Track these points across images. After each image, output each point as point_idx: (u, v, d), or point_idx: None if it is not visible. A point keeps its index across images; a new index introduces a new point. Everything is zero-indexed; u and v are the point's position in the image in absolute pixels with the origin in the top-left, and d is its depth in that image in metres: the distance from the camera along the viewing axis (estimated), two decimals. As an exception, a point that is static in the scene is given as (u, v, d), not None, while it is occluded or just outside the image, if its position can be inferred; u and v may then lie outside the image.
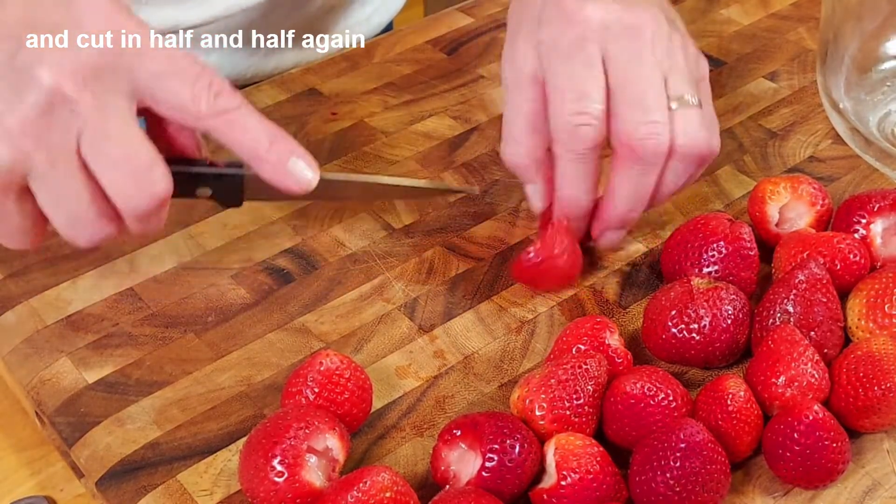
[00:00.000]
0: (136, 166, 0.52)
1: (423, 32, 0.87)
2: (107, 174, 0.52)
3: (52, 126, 0.50)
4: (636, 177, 0.61)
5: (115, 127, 0.52)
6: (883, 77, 0.74)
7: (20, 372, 0.60)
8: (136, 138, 0.53)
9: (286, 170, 0.56)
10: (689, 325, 0.57)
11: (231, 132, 0.55)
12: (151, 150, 0.53)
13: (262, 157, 0.55)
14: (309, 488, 0.50)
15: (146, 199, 0.53)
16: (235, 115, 0.54)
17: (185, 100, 0.53)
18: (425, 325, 0.62)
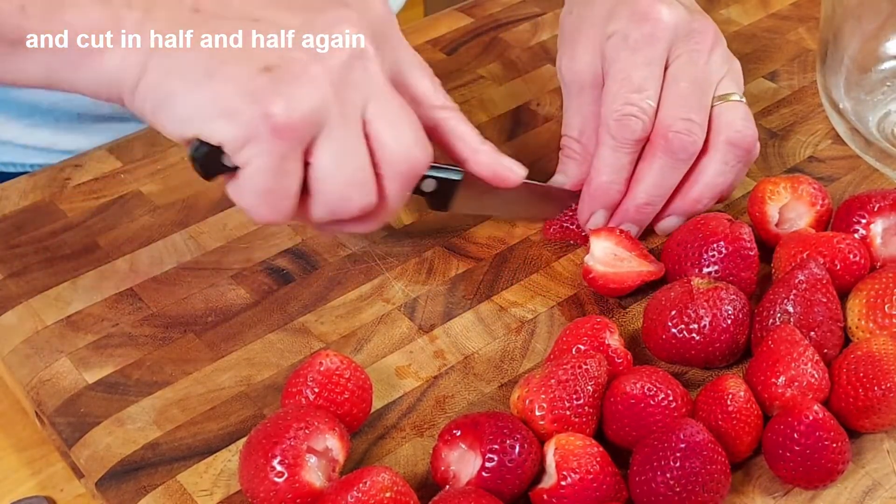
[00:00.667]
0: (415, 128, 0.56)
1: (423, 32, 0.87)
2: (391, 132, 0.55)
3: (349, 81, 0.53)
4: (662, 169, 0.63)
5: (395, 92, 0.56)
6: (883, 77, 0.74)
7: (20, 372, 0.60)
8: (406, 104, 0.56)
9: (500, 161, 0.61)
10: (689, 326, 0.57)
11: (455, 125, 0.60)
12: (418, 118, 0.57)
13: (479, 149, 0.60)
14: (309, 488, 0.50)
15: (421, 158, 0.56)
16: (457, 113, 0.60)
17: (428, 88, 0.59)
18: (425, 325, 0.62)
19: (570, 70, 0.65)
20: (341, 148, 0.53)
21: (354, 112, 0.53)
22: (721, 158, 0.63)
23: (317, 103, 0.52)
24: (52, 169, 0.73)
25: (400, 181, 0.56)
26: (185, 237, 0.68)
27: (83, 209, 0.70)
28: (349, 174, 0.54)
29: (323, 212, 0.56)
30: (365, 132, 0.54)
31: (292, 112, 0.51)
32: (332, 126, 0.53)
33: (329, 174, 0.54)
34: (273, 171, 0.53)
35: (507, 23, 0.88)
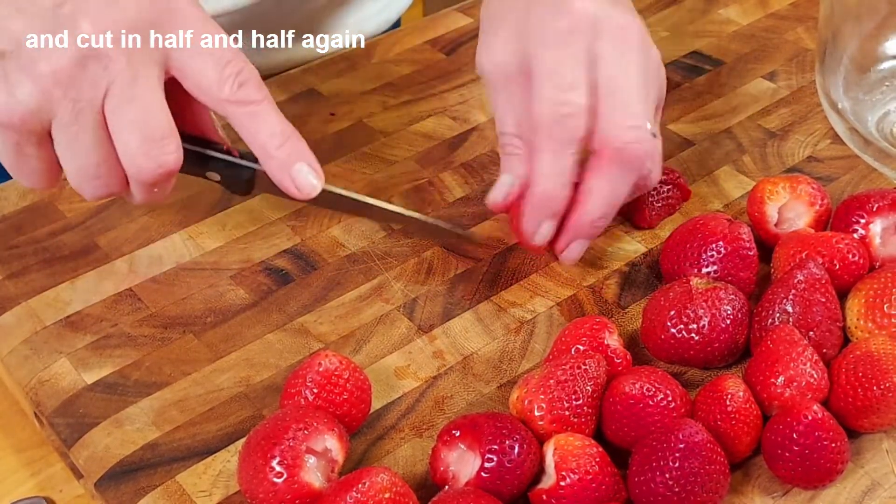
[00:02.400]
0: (150, 133, 0.53)
1: (422, 33, 0.87)
2: (122, 135, 0.54)
3: (82, 78, 0.52)
4: (615, 180, 0.60)
5: (140, 91, 0.53)
6: (881, 77, 0.74)
7: (19, 373, 0.60)
8: (156, 106, 0.54)
9: (290, 172, 0.57)
10: (687, 326, 0.57)
11: (247, 123, 0.56)
12: (168, 122, 0.54)
13: (270, 154, 0.56)
14: (308, 489, 0.50)
15: (153, 167, 0.54)
16: (255, 107, 0.55)
17: (211, 81, 0.55)
18: (424, 325, 0.62)
19: (491, 62, 0.61)
20: (71, 143, 0.54)
21: (88, 109, 0.53)
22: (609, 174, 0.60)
23: (37, 102, 0.52)
24: (50, 169, 0.73)
25: (138, 180, 0.55)
26: (184, 237, 0.68)
27: (82, 210, 0.70)
28: (80, 167, 0.55)
29: (74, 186, 0.56)
30: (106, 127, 0.54)
31: (12, 109, 0.52)
32: (60, 122, 0.53)
33: (63, 163, 0.55)
34: (13, 154, 0.54)
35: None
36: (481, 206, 0.70)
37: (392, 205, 0.64)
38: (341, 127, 0.77)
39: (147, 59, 0.53)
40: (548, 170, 0.59)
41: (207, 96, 0.55)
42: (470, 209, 0.70)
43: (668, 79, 0.81)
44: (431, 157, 0.74)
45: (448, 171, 0.73)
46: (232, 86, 0.55)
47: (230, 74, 0.55)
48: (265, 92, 0.56)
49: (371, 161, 0.74)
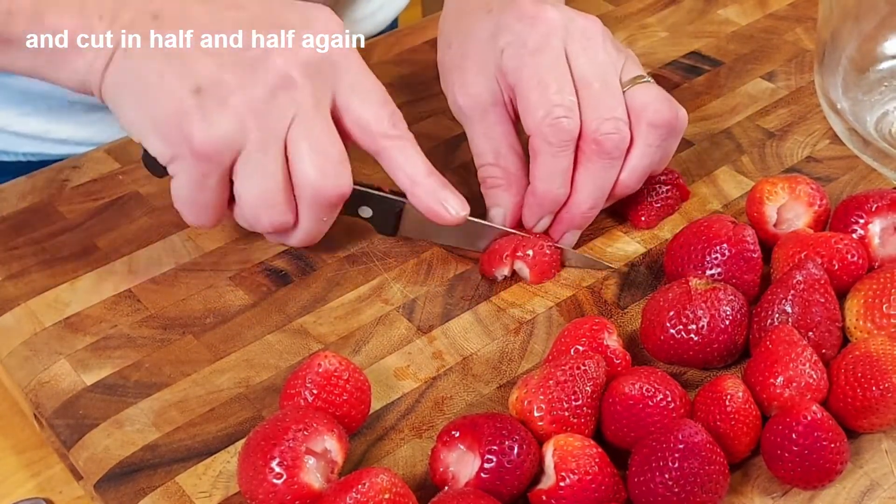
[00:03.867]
0: (333, 157, 0.58)
1: (422, 33, 0.87)
2: (303, 160, 0.57)
3: (273, 108, 0.56)
4: (600, 171, 0.63)
5: (321, 120, 0.58)
6: (880, 77, 0.74)
7: (19, 374, 0.60)
8: (334, 134, 0.58)
9: (438, 197, 0.61)
10: (686, 326, 0.57)
11: (398, 156, 0.60)
12: (343, 148, 0.59)
13: (418, 183, 0.60)
14: (308, 490, 0.50)
15: (332, 189, 0.58)
16: (405, 142, 0.60)
17: (372, 117, 0.59)
18: (424, 326, 0.62)
19: (467, 96, 0.65)
20: (255, 171, 0.57)
21: (273, 138, 0.57)
22: (644, 141, 0.63)
23: (233, 131, 0.56)
24: (50, 170, 0.73)
25: (309, 206, 0.59)
26: (183, 238, 0.68)
27: (81, 211, 0.70)
28: (259, 195, 0.58)
29: (243, 222, 0.61)
30: (286, 156, 0.57)
31: (210, 138, 0.55)
32: (249, 150, 0.57)
33: (243, 192, 0.58)
34: (195, 186, 0.58)
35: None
36: (481, 207, 0.70)
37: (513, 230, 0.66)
38: (340, 128, 0.77)
39: (325, 90, 0.58)
40: (549, 171, 0.63)
41: (365, 131, 0.59)
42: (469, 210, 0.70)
43: (667, 79, 0.82)
44: (430, 158, 0.74)
45: (447, 171, 0.73)
46: (389, 122, 0.60)
47: (388, 112, 0.60)
48: (408, 130, 0.61)
49: (370, 161, 0.74)
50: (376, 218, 0.65)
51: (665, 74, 0.82)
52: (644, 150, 0.63)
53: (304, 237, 0.61)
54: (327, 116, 0.58)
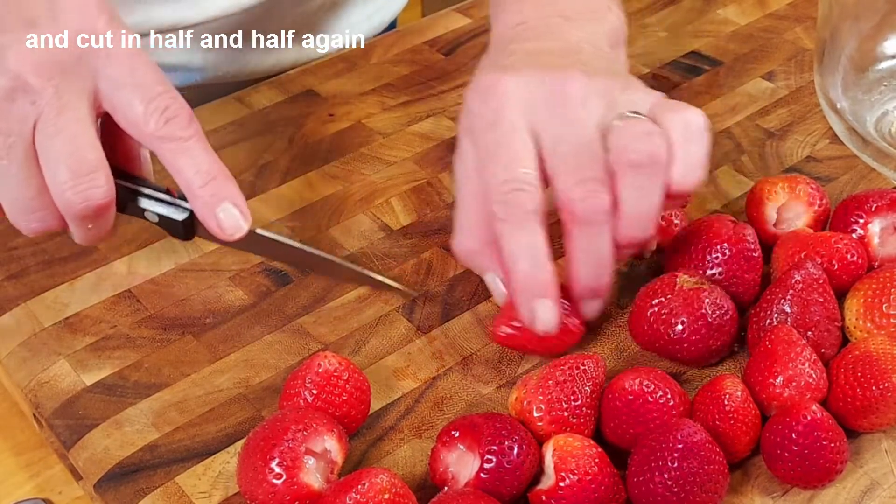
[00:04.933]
0: (77, 166, 0.53)
1: (421, 33, 0.87)
2: (49, 168, 0.53)
3: (11, 112, 0.52)
4: (587, 240, 0.56)
5: (68, 124, 0.53)
6: (880, 77, 0.74)
7: (18, 374, 0.60)
8: (84, 140, 0.53)
9: (214, 211, 0.56)
10: (662, 320, 0.57)
11: (171, 159, 0.55)
12: (97, 155, 0.54)
13: (194, 193, 0.56)
14: (307, 490, 0.50)
15: (80, 201, 0.54)
16: (182, 144, 0.55)
17: (137, 115, 0.54)
18: (423, 326, 0.62)
19: (459, 160, 0.60)
20: (2, 176, 0.54)
21: (18, 143, 0.53)
22: (632, 186, 0.55)
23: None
24: (49, 171, 0.73)
25: (68, 216, 0.55)
26: (182, 239, 0.68)
27: (81, 211, 0.70)
28: (15, 200, 0.55)
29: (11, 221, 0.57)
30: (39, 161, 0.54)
31: None
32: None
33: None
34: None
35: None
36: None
37: (329, 255, 0.63)
38: (340, 128, 0.77)
39: (75, 91, 0.53)
40: (517, 250, 0.56)
41: (135, 130, 0.55)
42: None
43: (667, 79, 0.82)
44: (430, 158, 0.74)
45: (447, 171, 0.73)
46: (158, 120, 0.54)
47: (156, 109, 0.54)
48: (195, 128, 0.55)
49: (369, 162, 0.74)
50: (164, 223, 0.59)
51: (664, 74, 0.82)
52: (635, 195, 0.55)
53: (80, 240, 0.57)
54: (82, 118, 0.53)
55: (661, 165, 0.55)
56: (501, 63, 0.60)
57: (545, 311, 0.56)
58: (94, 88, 0.54)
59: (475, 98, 0.58)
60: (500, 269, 0.59)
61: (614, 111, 0.57)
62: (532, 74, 0.57)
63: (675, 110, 0.57)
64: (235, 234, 0.56)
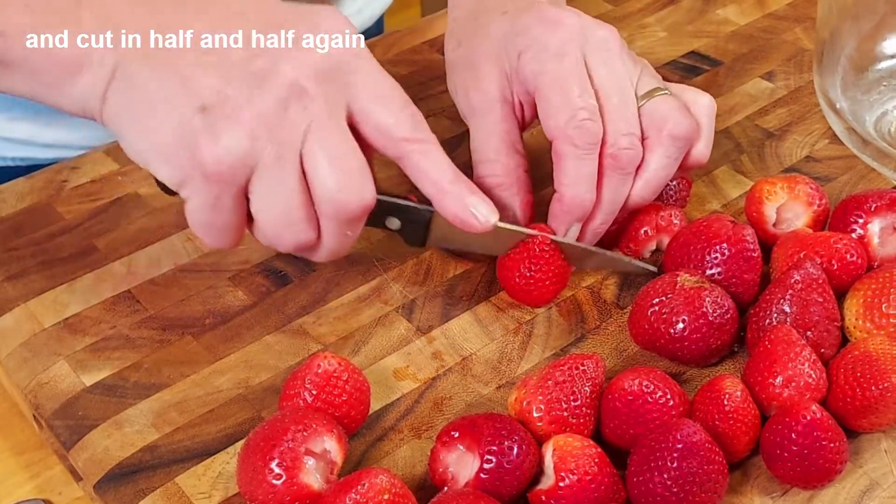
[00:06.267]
0: (353, 168, 0.55)
1: (420, 33, 0.87)
2: (322, 173, 0.54)
3: (285, 120, 0.53)
4: (615, 185, 0.62)
5: (337, 130, 0.54)
6: (879, 77, 0.74)
7: (18, 375, 0.60)
8: (352, 144, 0.55)
9: (465, 204, 0.58)
10: (663, 319, 0.57)
11: (421, 161, 0.57)
12: (363, 158, 0.55)
13: (445, 189, 0.58)
14: (307, 490, 0.50)
15: (355, 201, 0.55)
16: (428, 146, 0.57)
17: (391, 121, 0.56)
18: (423, 326, 0.62)
19: (479, 91, 0.63)
20: (272, 188, 0.54)
21: (288, 152, 0.53)
22: (664, 153, 0.62)
23: (245, 148, 0.52)
24: (49, 171, 0.73)
25: (331, 221, 0.56)
26: (182, 239, 0.68)
27: (80, 211, 0.70)
28: (278, 214, 0.55)
29: (264, 241, 0.57)
30: (303, 169, 0.54)
31: (221, 158, 0.52)
32: (264, 167, 0.53)
33: (261, 211, 0.55)
34: (209, 208, 0.54)
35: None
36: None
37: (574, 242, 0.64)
38: (339, 128, 0.77)
39: (338, 99, 0.55)
40: (577, 175, 0.61)
41: (386, 137, 0.56)
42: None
43: (666, 78, 0.81)
44: (430, 158, 0.74)
45: (446, 171, 0.73)
46: (411, 125, 0.56)
47: (408, 115, 0.57)
48: (431, 133, 0.58)
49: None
50: (405, 229, 0.62)
51: (664, 74, 0.82)
52: (663, 162, 0.62)
53: (329, 252, 0.58)
54: (344, 125, 0.55)
55: (691, 142, 0.63)
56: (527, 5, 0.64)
57: (575, 232, 0.63)
58: (349, 97, 0.55)
59: (537, 24, 0.62)
60: (520, 209, 0.63)
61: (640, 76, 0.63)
62: (586, 20, 0.63)
63: (694, 92, 0.65)
64: (489, 222, 0.58)
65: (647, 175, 0.63)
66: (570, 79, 0.61)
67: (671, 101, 0.63)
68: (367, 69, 0.56)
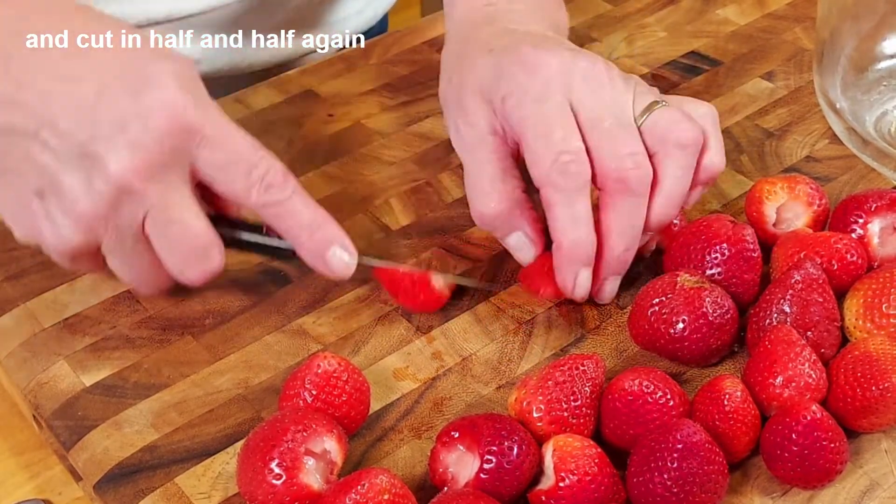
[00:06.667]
0: (194, 248, 0.56)
1: (420, 33, 0.87)
2: (165, 253, 0.56)
3: (119, 212, 0.54)
4: (628, 210, 0.60)
5: (176, 212, 0.55)
6: (879, 77, 0.74)
7: (17, 375, 0.60)
8: (193, 222, 0.56)
9: (324, 259, 0.59)
10: (663, 318, 0.57)
11: (276, 221, 0.58)
12: (207, 232, 0.57)
13: (302, 245, 0.59)
14: (307, 491, 0.50)
15: (199, 274, 0.57)
16: (283, 206, 0.58)
17: (238, 189, 0.57)
18: (423, 326, 0.62)
19: (468, 126, 0.62)
20: (119, 260, 0.57)
21: (131, 234, 0.55)
22: (675, 164, 0.60)
23: (84, 238, 0.55)
24: (48, 171, 0.73)
25: (189, 283, 0.58)
26: (182, 239, 0.68)
27: (80, 212, 0.70)
28: (135, 277, 0.59)
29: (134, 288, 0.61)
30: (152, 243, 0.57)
31: (61, 246, 0.56)
32: (107, 246, 0.56)
33: (118, 273, 0.59)
34: (76, 267, 0.59)
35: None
36: (479, 207, 0.70)
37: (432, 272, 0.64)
38: (339, 128, 0.77)
39: (177, 181, 0.55)
40: (567, 220, 0.59)
41: (238, 201, 0.58)
42: (467, 210, 0.69)
43: (666, 79, 0.82)
44: (429, 158, 0.74)
45: (446, 171, 0.73)
46: (259, 191, 0.56)
47: (256, 180, 0.56)
48: (292, 185, 0.58)
49: (369, 162, 0.74)
50: (273, 254, 0.62)
51: (664, 74, 0.82)
52: (677, 174, 0.60)
53: None
54: (185, 201, 0.56)
55: (699, 149, 0.61)
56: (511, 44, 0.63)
57: (587, 279, 0.61)
58: (191, 169, 0.56)
59: (519, 69, 0.61)
60: (529, 227, 0.62)
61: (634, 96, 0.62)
62: (564, 53, 0.62)
63: (691, 103, 0.63)
64: (345, 274, 0.60)
65: (665, 190, 0.60)
66: (552, 123, 0.59)
67: (670, 112, 0.61)
68: (209, 134, 0.55)
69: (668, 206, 0.61)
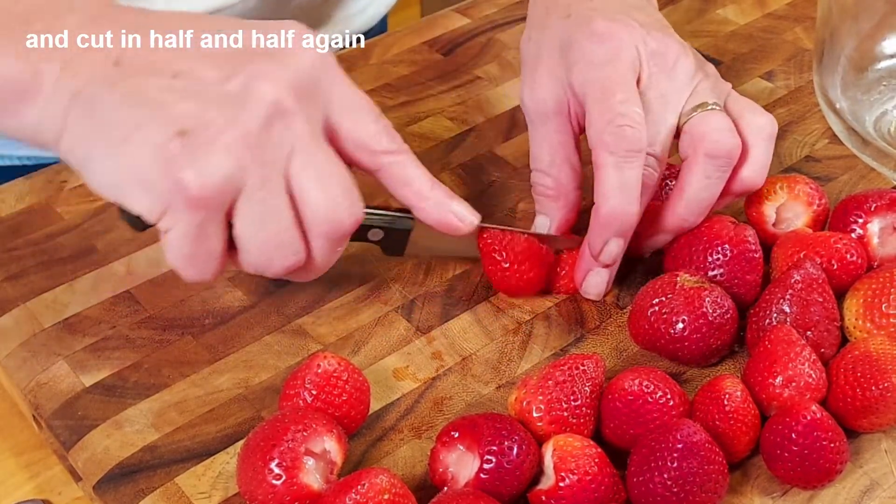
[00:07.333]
0: (341, 184, 0.53)
1: (420, 33, 0.87)
2: (314, 193, 0.52)
3: (269, 141, 0.51)
4: (711, 176, 0.60)
5: (322, 147, 0.53)
6: (879, 77, 0.74)
7: (17, 375, 0.60)
8: (337, 160, 0.54)
9: (447, 208, 0.58)
10: (663, 318, 0.57)
11: (399, 172, 0.57)
12: (349, 174, 0.54)
13: (426, 197, 0.57)
14: (307, 491, 0.50)
15: (347, 219, 0.54)
16: (404, 157, 0.57)
17: (369, 134, 0.55)
18: (423, 326, 0.62)
19: (533, 99, 0.63)
20: (259, 211, 0.52)
21: (274, 173, 0.52)
22: (702, 172, 0.60)
23: (230, 171, 0.50)
24: (48, 172, 0.73)
25: (324, 240, 0.54)
26: (182, 239, 0.68)
27: (80, 212, 0.70)
28: (268, 237, 0.53)
29: (250, 268, 0.55)
30: (289, 190, 0.52)
31: (205, 183, 0.50)
32: (249, 190, 0.51)
33: (248, 237, 0.53)
34: (192, 237, 0.52)
35: (503, 23, 0.88)
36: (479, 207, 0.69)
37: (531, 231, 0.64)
38: (339, 128, 0.77)
39: (317, 113, 0.53)
40: (611, 185, 0.58)
41: (363, 150, 0.55)
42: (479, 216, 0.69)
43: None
44: (429, 158, 0.74)
45: (446, 171, 0.73)
46: (388, 137, 0.56)
47: (384, 127, 0.56)
48: (404, 142, 0.57)
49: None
50: (387, 240, 0.62)
51: (664, 74, 0.82)
52: (703, 183, 0.60)
53: (316, 273, 0.56)
54: (325, 142, 0.54)
55: (732, 162, 0.60)
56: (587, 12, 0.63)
57: (617, 248, 0.60)
58: (326, 112, 0.54)
59: (588, 38, 0.61)
60: (561, 213, 0.64)
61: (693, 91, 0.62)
62: (636, 29, 0.62)
63: (752, 111, 0.62)
64: (472, 224, 0.58)
65: (688, 196, 0.60)
66: (615, 86, 0.60)
67: (714, 118, 0.60)
68: (339, 81, 0.54)
69: (688, 212, 0.61)
